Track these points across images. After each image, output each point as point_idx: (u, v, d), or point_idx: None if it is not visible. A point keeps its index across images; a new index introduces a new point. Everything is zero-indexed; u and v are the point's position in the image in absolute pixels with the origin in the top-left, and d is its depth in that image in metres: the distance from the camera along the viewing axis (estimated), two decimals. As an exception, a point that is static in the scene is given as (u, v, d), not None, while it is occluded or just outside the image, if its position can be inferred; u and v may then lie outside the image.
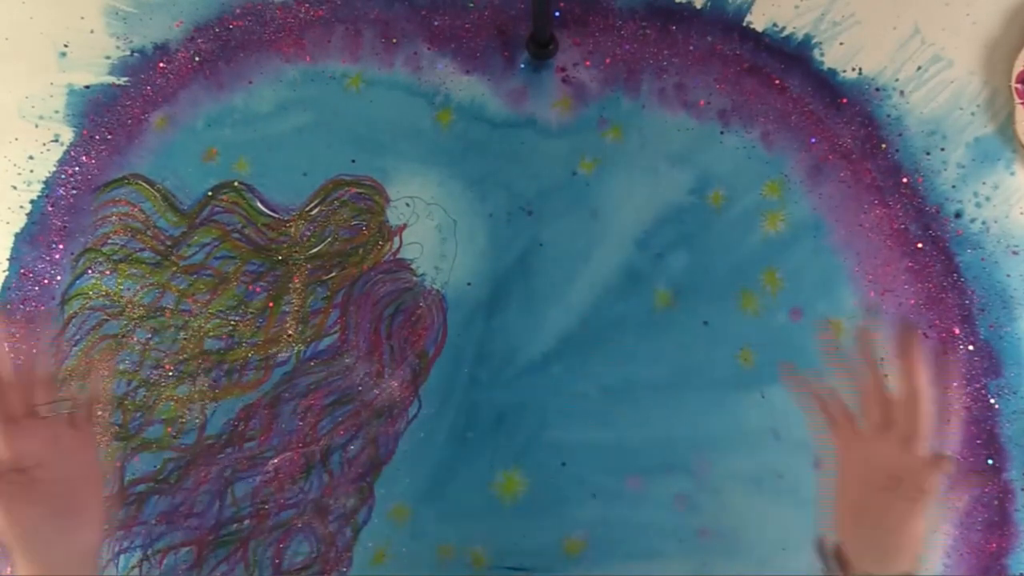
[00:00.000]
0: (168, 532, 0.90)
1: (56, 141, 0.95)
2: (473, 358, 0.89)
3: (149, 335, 0.92)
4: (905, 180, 0.87)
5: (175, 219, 0.93)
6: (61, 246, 0.94)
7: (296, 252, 0.92)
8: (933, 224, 0.87)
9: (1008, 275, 0.85)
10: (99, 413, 0.90)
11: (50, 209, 0.95)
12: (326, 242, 0.92)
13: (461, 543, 0.87)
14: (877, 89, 0.88)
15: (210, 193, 0.93)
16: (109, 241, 0.94)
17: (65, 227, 0.94)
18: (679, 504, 0.86)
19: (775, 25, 0.90)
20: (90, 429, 0.66)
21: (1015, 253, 0.85)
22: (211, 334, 0.91)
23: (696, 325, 0.88)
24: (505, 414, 0.88)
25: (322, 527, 0.88)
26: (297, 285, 0.91)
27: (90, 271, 0.93)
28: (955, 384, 0.85)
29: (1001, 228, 0.86)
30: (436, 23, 0.94)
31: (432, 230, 0.91)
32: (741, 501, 0.85)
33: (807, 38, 0.90)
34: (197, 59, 0.95)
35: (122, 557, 0.89)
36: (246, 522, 0.89)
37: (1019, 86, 0.85)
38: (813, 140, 0.89)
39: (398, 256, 0.91)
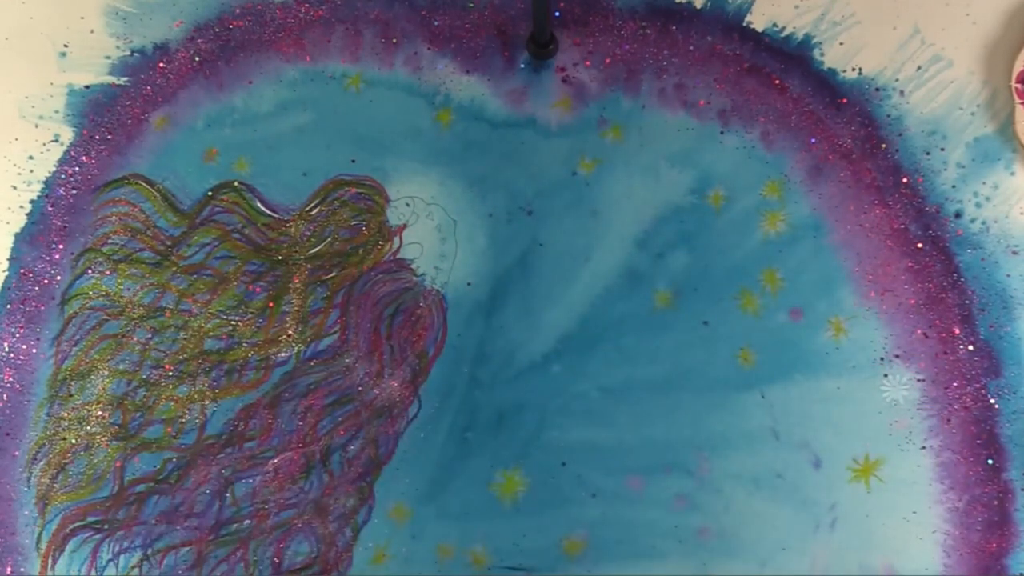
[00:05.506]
0: (168, 532, 0.90)
1: (56, 141, 0.95)
2: (473, 358, 0.89)
3: (149, 335, 0.92)
4: (905, 180, 0.87)
5: (175, 219, 0.93)
6: (61, 246, 0.94)
7: (296, 252, 0.92)
8: (933, 224, 0.87)
9: (1008, 275, 0.85)
10: (99, 413, 0.91)
11: (50, 209, 0.95)
12: (326, 242, 0.92)
13: (461, 543, 0.87)
14: (877, 89, 0.88)
15: (210, 193, 0.93)
16: (109, 241, 0.94)
17: (65, 227, 0.94)
18: (679, 504, 0.86)
19: (775, 25, 0.90)
20: None
21: (1015, 253, 0.85)
22: (211, 334, 0.91)
23: (696, 325, 0.88)
24: (505, 414, 0.88)
25: (322, 527, 0.88)
26: (297, 285, 0.91)
27: (90, 271, 0.93)
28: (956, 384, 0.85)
29: (1001, 228, 0.86)
30: (436, 23, 0.94)
31: (432, 230, 0.91)
32: (741, 501, 0.85)
33: (807, 38, 0.90)
34: (197, 59, 0.95)
35: (122, 557, 0.89)
36: (246, 522, 0.89)
37: (1019, 86, 0.85)
38: (813, 140, 0.89)
39: (398, 256, 0.91)
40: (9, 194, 0.95)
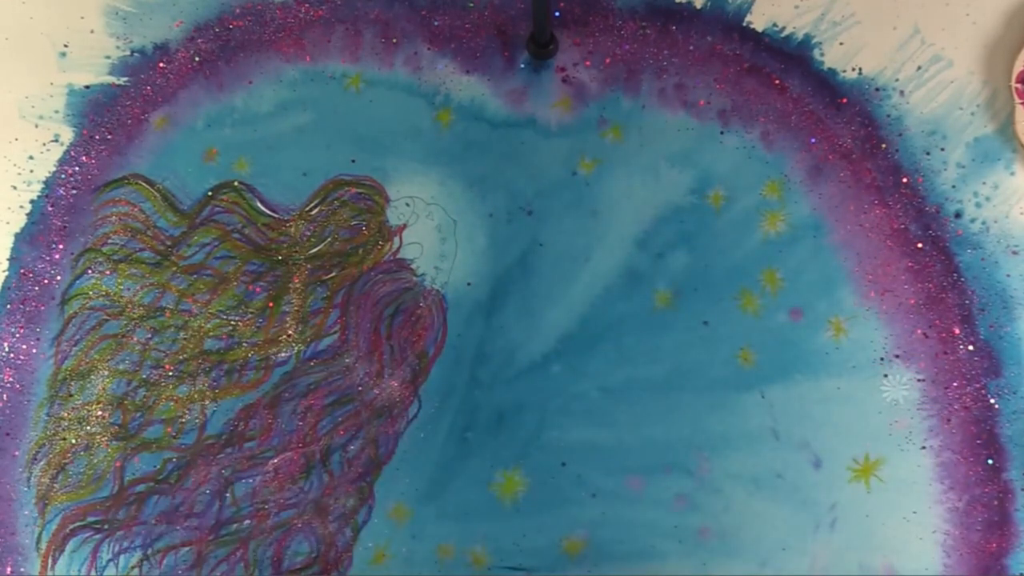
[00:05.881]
0: (168, 532, 0.90)
1: (56, 141, 0.95)
2: (473, 358, 0.89)
3: (149, 335, 0.92)
4: (905, 180, 0.87)
5: (175, 219, 0.93)
6: (61, 246, 0.94)
7: (296, 252, 0.92)
8: (933, 224, 0.87)
9: (1008, 275, 0.85)
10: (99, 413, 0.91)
11: (50, 209, 0.95)
12: (326, 242, 0.92)
13: (461, 543, 0.87)
14: (877, 89, 0.88)
15: (210, 193, 0.93)
16: (109, 241, 0.94)
17: (65, 227, 0.94)
18: (679, 504, 0.86)
19: (775, 25, 0.90)
20: None
21: (1015, 253, 0.85)
22: (211, 334, 0.91)
23: (696, 325, 0.88)
24: (505, 414, 0.88)
25: (322, 527, 0.88)
26: (297, 285, 0.91)
27: (90, 271, 0.93)
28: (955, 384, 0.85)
29: (1001, 228, 0.86)
30: (436, 23, 0.94)
31: (432, 230, 0.91)
32: (741, 501, 0.85)
33: (807, 38, 0.90)
34: (197, 59, 0.95)
35: (122, 557, 0.89)
36: (246, 522, 0.89)
37: (1019, 86, 0.85)
38: (813, 140, 0.89)
39: (398, 256, 0.91)
40: (9, 194, 0.95)
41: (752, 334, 0.87)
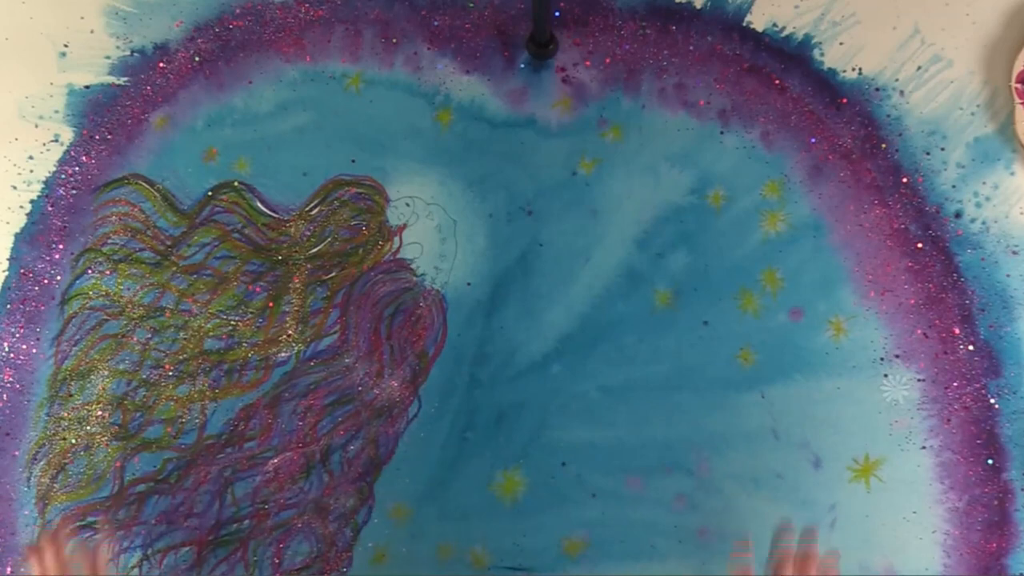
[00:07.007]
0: (168, 532, 0.90)
1: (56, 141, 0.95)
2: (473, 358, 0.89)
3: (149, 335, 0.92)
4: (905, 180, 0.87)
5: (175, 219, 0.93)
6: (61, 246, 0.94)
7: (296, 252, 0.92)
8: (933, 224, 0.87)
9: (1008, 275, 0.85)
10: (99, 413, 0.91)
11: (50, 209, 0.95)
12: (326, 242, 0.92)
13: (461, 543, 0.87)
14: (877, 89, 0.88)
15: (210, 193, 0.93)
16: (109, 241, 0.94)
17: (65, 227, 0.94)
18: (679, 504, 0.86)
19: (775, 25, 0.90)
20: None
21: (1015, 253, 0.85)
22: (211, 334, 0.91)
23: (696, 325, 0.88)
24: (505, 414, 0.88)
25: (322, 527, 0.88)
26: (297, 285, 0.91)
27: (90, 271, 0.93)
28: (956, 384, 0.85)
29: (1001, 228, 0.86)
30: (436, 23, 0.94)
31: (432, 230, 0.91)
32: (741, 501, 0.85)
33: (807, 38, 0.90)
34: (197, 59, 0.95)
35: (122, 557, 0.89)
36: (246, 522, 0.89)
37: (1019, 86, 0.85)
38: (813, 140, 0.89)
39: (398, 256, 0.91)
40: (9, 194, 0.95)
41: (752, 334, 0.87)
